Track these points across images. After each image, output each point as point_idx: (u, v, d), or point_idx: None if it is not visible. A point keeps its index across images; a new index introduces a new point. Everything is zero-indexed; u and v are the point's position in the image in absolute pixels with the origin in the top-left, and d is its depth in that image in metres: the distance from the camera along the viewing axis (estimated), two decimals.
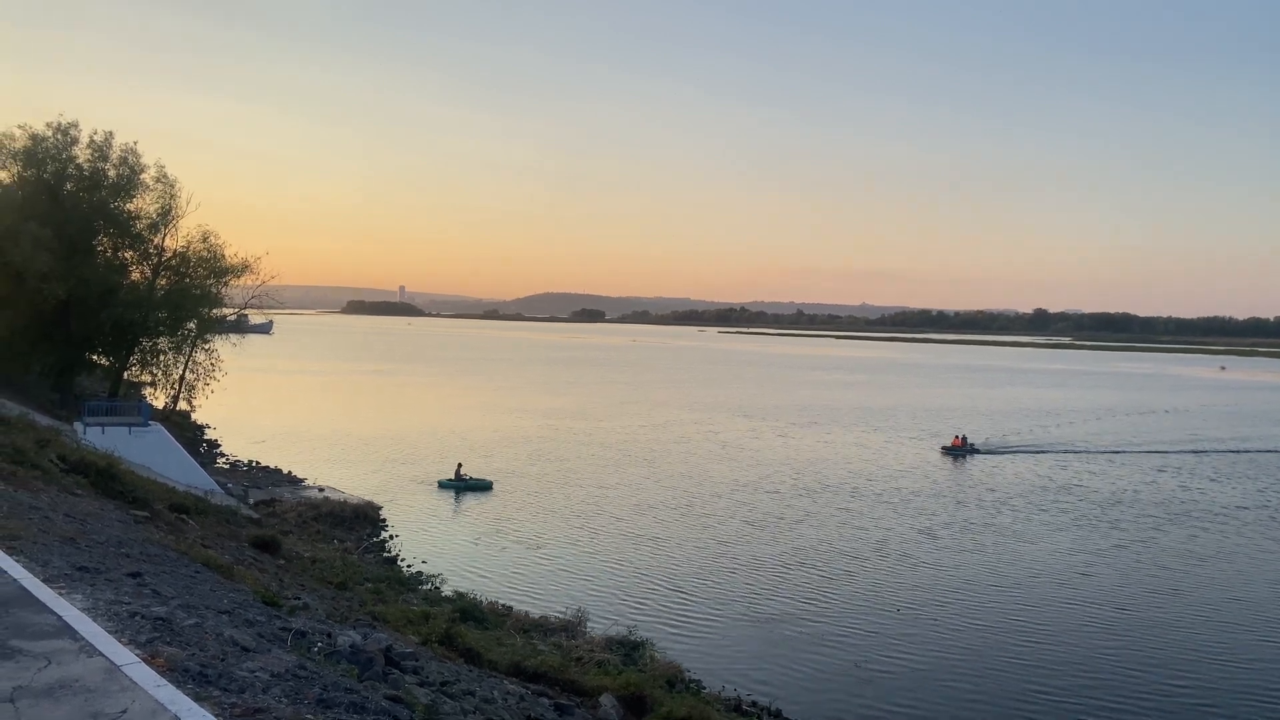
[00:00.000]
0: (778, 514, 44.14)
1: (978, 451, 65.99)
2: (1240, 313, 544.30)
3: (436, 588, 27.75)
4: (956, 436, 68.34)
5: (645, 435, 71.40)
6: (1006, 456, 64.99)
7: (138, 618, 9.49)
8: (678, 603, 30.33)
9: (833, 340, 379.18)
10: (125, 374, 50.73)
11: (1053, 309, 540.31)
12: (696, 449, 65.08)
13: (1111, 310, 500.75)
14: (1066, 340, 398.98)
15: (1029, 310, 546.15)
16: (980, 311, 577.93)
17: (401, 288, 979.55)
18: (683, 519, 42.78)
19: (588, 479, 52.20)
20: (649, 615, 28.69)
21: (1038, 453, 67.24)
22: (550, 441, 66.26)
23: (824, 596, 31.60)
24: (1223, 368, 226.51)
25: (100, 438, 34.26)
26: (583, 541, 38.33)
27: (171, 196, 48.70)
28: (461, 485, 47.67)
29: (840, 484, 52.69)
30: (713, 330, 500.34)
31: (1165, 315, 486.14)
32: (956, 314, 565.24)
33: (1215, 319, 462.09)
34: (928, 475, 56.79)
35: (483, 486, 48.03)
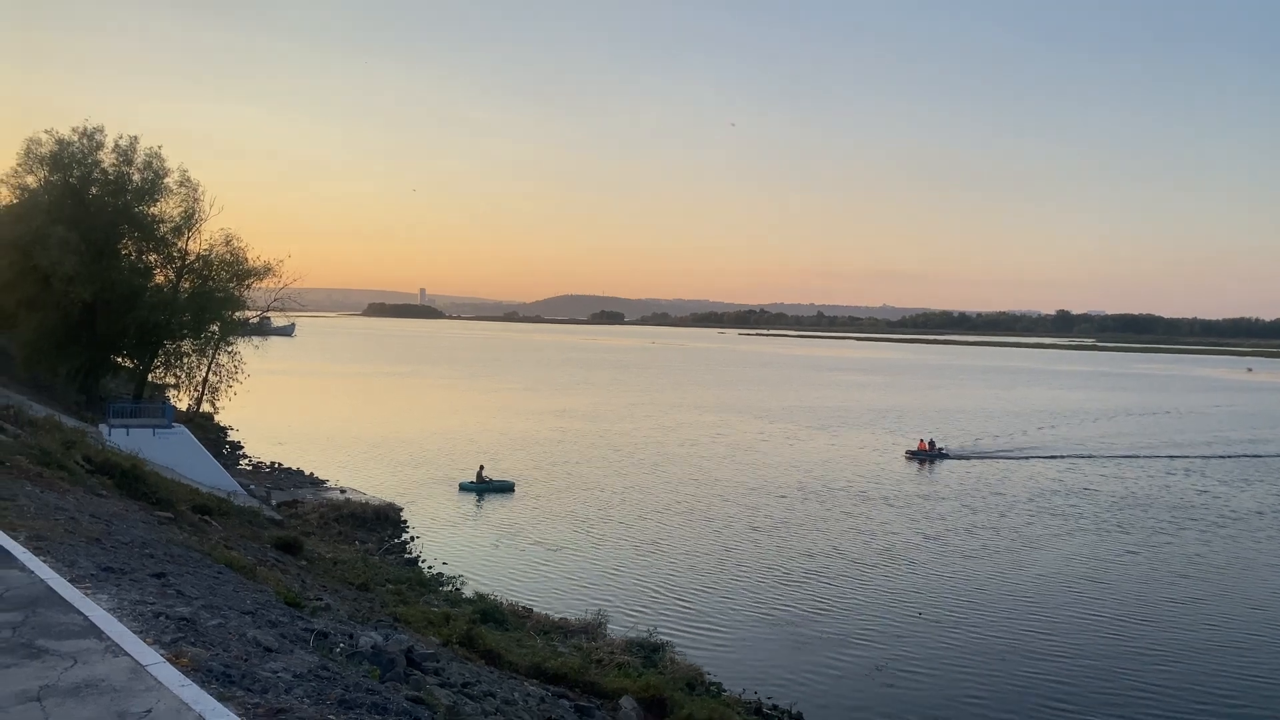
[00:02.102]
0: (789, 517, 44.03)
1: (946, 456, 63.50)
2: (1268, 314, 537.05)
3: (457, 589, 27.82)
4: (922, 440, 65.65)
5: (663, 438, 71.38)
6: (991, 461, 63.16)
7: (162, 618, 9.56)
8: (697, 605, 30.27)
9: (853, 342, 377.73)
10: (149, 376, 51.13)
11: (1076, 310, 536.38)
12: (713, 451, 64.99)
13: (1136, 311, 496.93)
14: (1089, 342, 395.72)
15: (1052, 311, 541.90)
16: (1002, 312, 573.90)
17: (422, 290, 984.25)
18: (700, 522, 42.73)
19: (608, 481, 52.23)
20: (669, 618, 28.64)
21: (1026, 458, 64.55)
22: (571, 444, 66.35)
23: (842, 600, 31.47)
24: (1250, 369, 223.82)
25: (125, 439, 34.56)
26: (602, 544, 38.33)
27: (195, 200, 49.08)
28: (483, 487, 47.78)
29: (847, 486, 52.50)
30: (732, 332, 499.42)
31: (1190, 316, 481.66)
32: (978, 315, 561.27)
33: (1242, 320, 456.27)
34: (934, 479, 56.42)
35: (505, 488, 48.13)
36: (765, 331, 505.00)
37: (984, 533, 41.89)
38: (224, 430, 61.50)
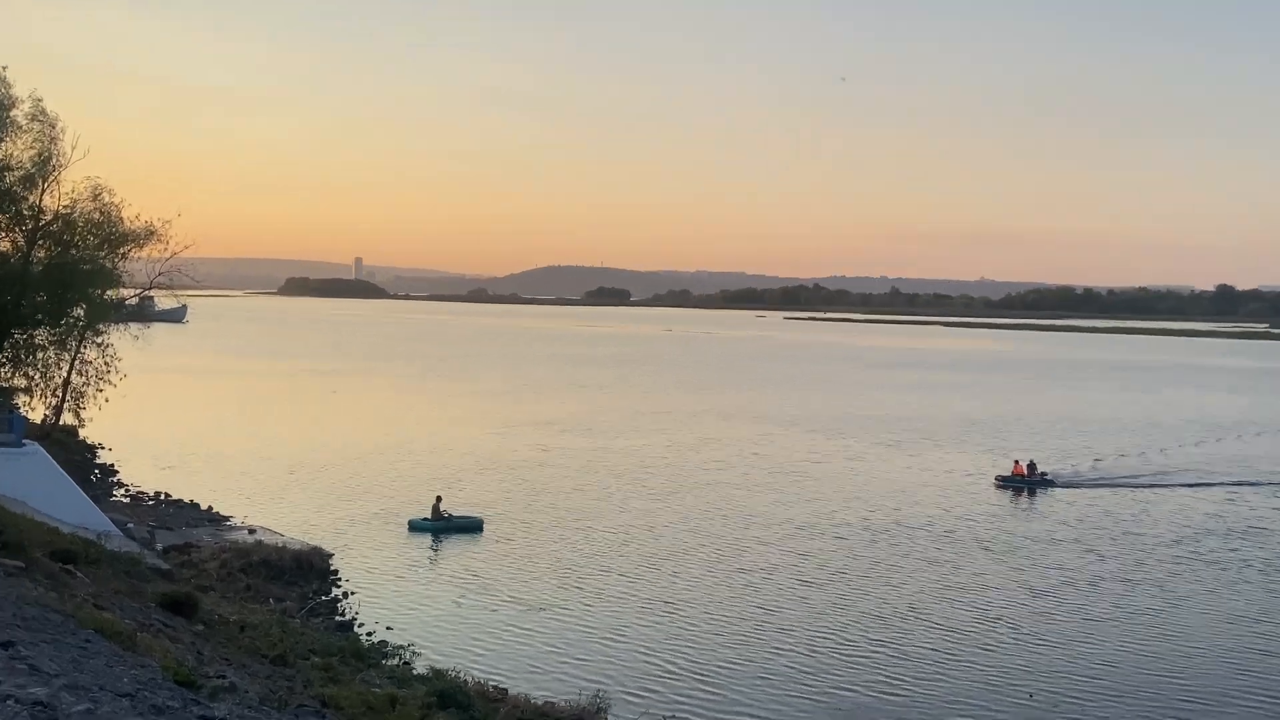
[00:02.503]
0: (850, 566, 44.06)
1: (1053, 484, 63.30)
2: None
3: (406, 662, 27.98)
4: (1018, 462, 65.35)
5: (680, 459, 71.53)
6: (1120, 491, 62.63)
7: (10, 702, 9.66)
8: (726, 684, 30.31)
9: (939, 328, 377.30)
10: None
11: (1242, 285, 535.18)
12: (748, 477, 65.16)
13: None
14: (1260, 327, 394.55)
15: (1210, 287, 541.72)
16: (1143, 289, 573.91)
17: (358, 260, 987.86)
18: (730, 572, 42.84)
19: (606, 518, 52.35)
20: (689, 701, 28.73)
21: (1169, 486, 64.11)
22: (557, 467, 66.51)
23: (923, 677, 31.44)
24: None
25: None
26: (599, 601, 38.45)
27: (52, 140, 49.29)
28: (440, 526, 47.92)
29: (929, 524, 52.34)
30: (776, 315, 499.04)
31: None
32: (1110, 292, 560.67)
33: None
34: (1042, 514, 56.29)
35: (470, 527, 48.28)
36: (820, 314, 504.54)
37: (1113, 586, 41.90)
38: (92, 450, 61.83)
